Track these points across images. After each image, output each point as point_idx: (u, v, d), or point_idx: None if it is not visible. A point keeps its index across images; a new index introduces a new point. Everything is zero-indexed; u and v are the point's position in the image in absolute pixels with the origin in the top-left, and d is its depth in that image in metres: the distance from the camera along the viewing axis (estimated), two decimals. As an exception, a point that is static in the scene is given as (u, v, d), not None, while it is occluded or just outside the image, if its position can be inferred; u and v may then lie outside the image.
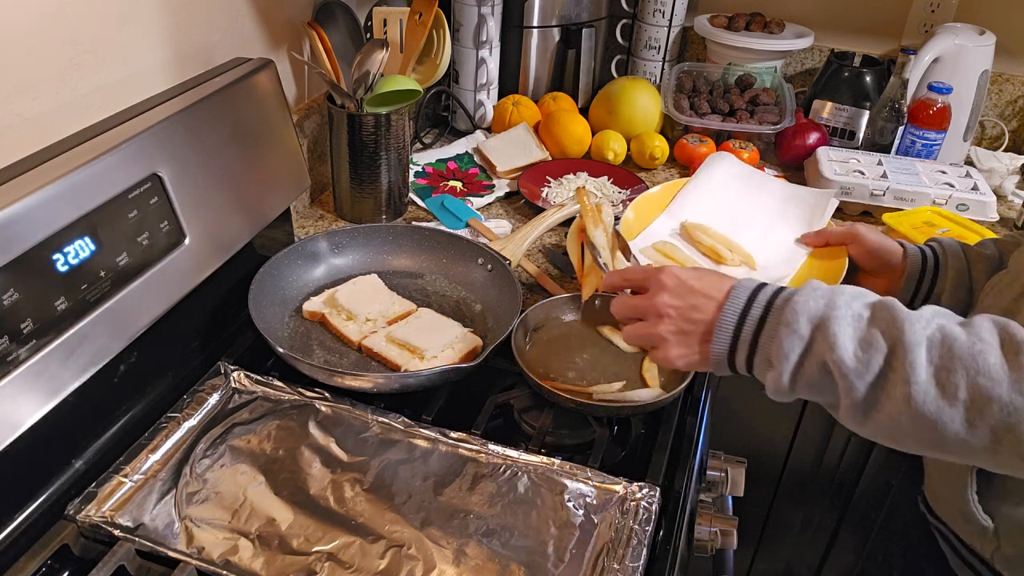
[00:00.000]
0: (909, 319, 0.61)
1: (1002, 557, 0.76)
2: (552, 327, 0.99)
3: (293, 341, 0.96)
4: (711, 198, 1.08)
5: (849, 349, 0.61)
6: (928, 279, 0.89)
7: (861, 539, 1.30)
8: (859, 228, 0.96)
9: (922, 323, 0.60)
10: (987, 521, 0.75)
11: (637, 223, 1.05)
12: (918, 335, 0.59)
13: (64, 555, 0.72)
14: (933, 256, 0.90)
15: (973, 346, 0.58)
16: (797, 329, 0.63)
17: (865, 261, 0.94)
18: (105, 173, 0.75)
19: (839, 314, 0.62)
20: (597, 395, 0.89)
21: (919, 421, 0.59)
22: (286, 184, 1.05)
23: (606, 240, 0.90)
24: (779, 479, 1.35)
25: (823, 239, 1.00)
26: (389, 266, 1.09)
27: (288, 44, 1.19)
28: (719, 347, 0.68)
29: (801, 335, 0.63)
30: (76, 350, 0.73)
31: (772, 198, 1.08)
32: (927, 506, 0.86)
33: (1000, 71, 1.54)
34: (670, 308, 0.70)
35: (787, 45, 1.59)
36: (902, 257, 0.92)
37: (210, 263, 0.90)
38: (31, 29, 0.76)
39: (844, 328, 0.61)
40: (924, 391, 0.58)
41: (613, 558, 0.72)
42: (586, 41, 1.55)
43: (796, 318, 0.63)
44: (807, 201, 1.08)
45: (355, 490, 0.77)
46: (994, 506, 0.75)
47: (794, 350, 0.63)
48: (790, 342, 0.63)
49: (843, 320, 0.62)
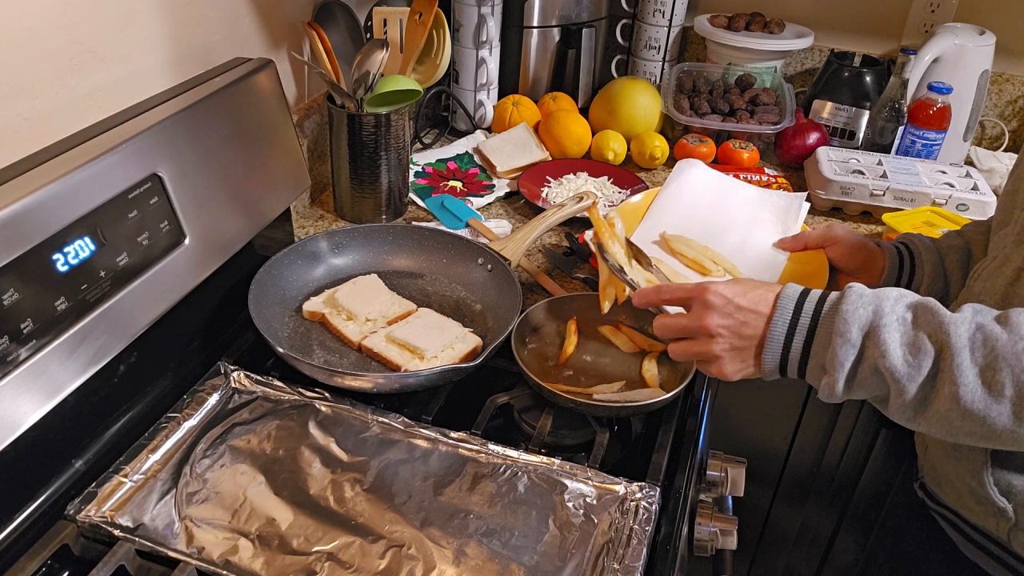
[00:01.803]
0: (953, 322, 0.64)
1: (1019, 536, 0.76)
2: (552, 327, 0.99)
3: (293, 341, 0.96)
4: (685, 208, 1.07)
5: (899, 354, 0.65)
6: (907, 275, 0.91)
7: (861, 539, 1.30)
8: (836, 230, 0.96)
9: (965, 325, 0.64)
10: (1003, 501, 0.76)
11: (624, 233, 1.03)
12: (962, 338, 0.63)
13: (64, 555, 0.71)
14: (908, 252, 0.92)
15: (1016, 344, 0.62)
16: (850, 339, 0.67)
17: (844, 262, 0.95)
18: (105, 173, 0.75)
19: (886, 321, 0.66)
20: (597, 395, 0.89)
21: (968, 417, 0.63)
22: (286, 184, 1.05)
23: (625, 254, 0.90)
24: (779, 479, 1.35)
25: (801, 243, 1.00)
26: (389, 266, 1.09)
27: (288, 44, 1.19)
28: (771, 359, 0.72)
29: (854, 344, 0.67)
30: (76, 350, 0.73)
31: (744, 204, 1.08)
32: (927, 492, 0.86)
33: (1000, 71, 1.54)
34: (720, 328, 0.73)
35: (787, 45, 1.59)
36: (880, 256, 0.93)
37: (210, 263, 0.90)
38: (31, 29, 0.76)
39: (892, 334, 0.65)
40: (972, 391, 0.62)
41: (613, 558, 0.72)
42: (586, 41, 1.55)
43: (848, 328, 0.67)
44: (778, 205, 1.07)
45: (355, 490, 0.77)
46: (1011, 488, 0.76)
47: (848, 358, 0.67)
48: (844, 351, 0.67)
49: (891, 327, 0.66)
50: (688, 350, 0.76)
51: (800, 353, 0.70)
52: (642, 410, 0.88)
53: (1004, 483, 0.76)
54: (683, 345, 0.77)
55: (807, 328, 0.70)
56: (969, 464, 0.78)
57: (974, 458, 0.77)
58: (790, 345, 0.71)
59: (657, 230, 1.02)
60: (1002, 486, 0.76)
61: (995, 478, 0.76)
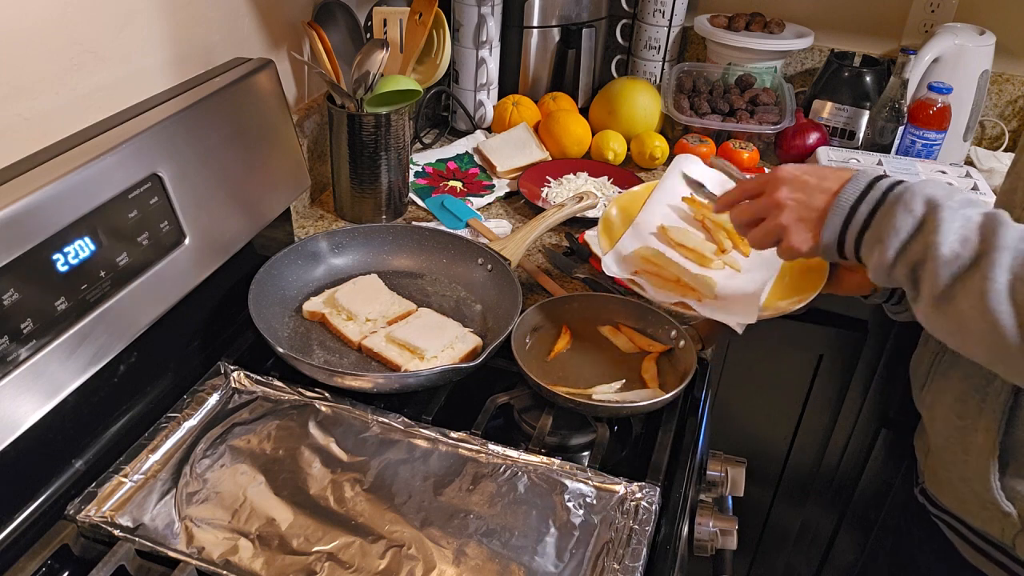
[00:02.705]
0: (1008, 225, 0.64)
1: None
2: (552, 327, 0.99)
3: (293, 341, 0.96)
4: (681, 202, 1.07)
5: (949, 239, 0.64)
6: None
7: (861, 539, 1.30)
8: None
9: (1020, 233, 0.63)
10: (1009, 506, 0.76)
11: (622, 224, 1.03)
12: (1011, 241, 0.63)
13: (64, 555, 0.71)
14: None
15: None
16: (913, 209, 0.66)
17: None
18: (105, 173, 0.75)
19: (952, 205, 0.65)
20: (597, 395, 0.89)
21: (986, 319, 0.62)
22: (286, 184, 1.05)
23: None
24: (779, 479, 1.35)
25: None
26: (389, 266, 1.09)
27: (288, 44, 1.19)
28: (832, 227, 0.71)
29: (915, 214, 0.66)
30: (76, 350, 0.73)
31: None
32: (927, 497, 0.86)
33: (1000, 71, 1.54)
34: (789, 199, 0.73)
35: (787, 45, 1.59)
36: None
37: (210, 263, 0.90)
38: (31, 29, 0.76)
39: (952, 219, 0.65)
40: (997, 290, 0.62)
41: (613, 558, 0.72)
42: (586, 41, 1.55)
43: (913, 198, 0.67)
44: None
45: (355, 490, 0.77)
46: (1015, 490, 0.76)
47: (905, 227, 0.66)
48: (903, 218, 0.66)
49: (955, 213, 0.65)
50: (761, 231, 0.76)
51: (862, 222, 0.69)
52: (642, 410, 0.88)
53: (1010, 488, 0.76)
54: (759, 228, 0.77)
55: (876, 199, 0.69)
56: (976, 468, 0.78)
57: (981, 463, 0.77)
58: (855, 213, 0.70)
59: (655, 222, 1.01)
60: (1008, 491, 0.76)
61: (1002, 483, 0.76)
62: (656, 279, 0.92)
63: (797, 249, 0.74)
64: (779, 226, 0.74)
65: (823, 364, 1.22)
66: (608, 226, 1.01)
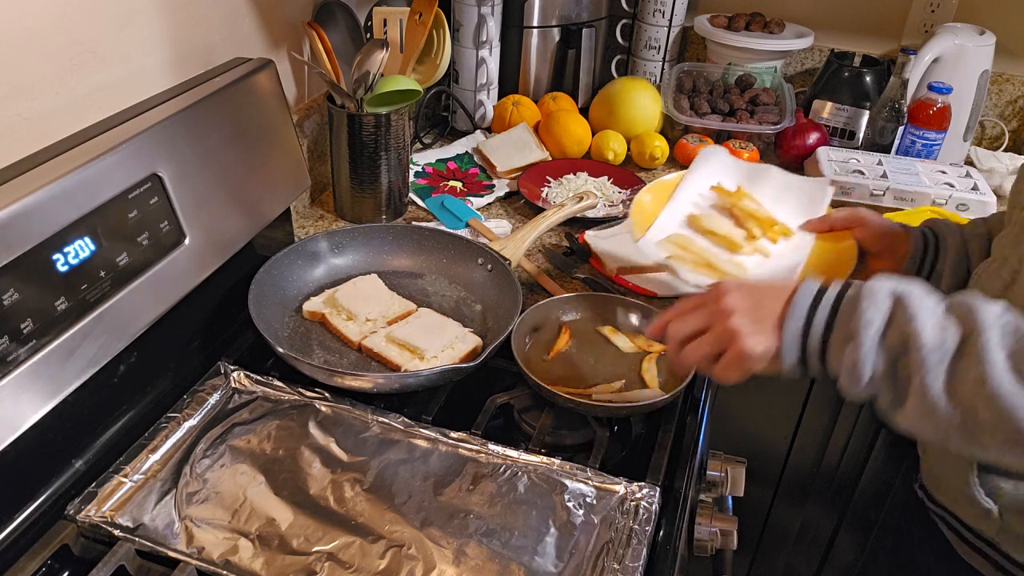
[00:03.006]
0: (983, 306, 0.61)
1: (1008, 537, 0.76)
2: (552, 327, 0.99)
3: (293, 341, 0.96)
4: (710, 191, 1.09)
5: (928, 325, 0.61)
6: (930, 258, 0.90)
7: (861, 539, 1.30)
8: (863, 211, 0.97)
9: (996, 310, 0.61)
10: (989, 503, 0.76)
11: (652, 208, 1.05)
12: (991, 320, 0.60)
13: (64, 555, 0.71)
14: (933, 236, 0.91)
15: None
16: (878, 300, 0.63)
17: (871, 244, 0.95)
18: (105, 173, 0.75)
19: (918, 294, 0.63)
20: (597, 395, 0.89)
21: (994, 405, 0.58)
22: (286, 184, 1.05)
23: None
24: (779, 479, 1.35)
25: (827, 224, 1.00)
26: (389, 266, 1.09)
27: (288, 44, 1.19)
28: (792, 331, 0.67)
29: (879, 305, 0.63)
30: (76, 350, 0.73)
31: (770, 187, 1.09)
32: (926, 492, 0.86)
33: (1000, 71, 1.54)
34: (738, 305, 0.69)
35: (787, 45, 1.59)
36: (904, 239, 0.92)
37: (210, 263, 0.90)
38: (31, 29, 0.76)
39: (923, 307, 0.62)
40: (999, 373, 0.58)
41: (613, 558, 0.72)
42: (586, 41, 1.55)
43: (876, 293, 0.64)
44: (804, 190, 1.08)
45: (355, 490, 0.77)
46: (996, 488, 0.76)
47: (877, 318, 0.63)
48: (872, 311, 0.63)
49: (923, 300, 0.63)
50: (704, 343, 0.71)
51: (824, 323, 0.65)
52: (642, 410, 0.88)
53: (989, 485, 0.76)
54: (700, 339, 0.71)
55: (833, 299, 0.66)
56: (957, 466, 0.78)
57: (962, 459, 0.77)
58: (813, 315, 0.66)
59: (685, 210, 1.03)
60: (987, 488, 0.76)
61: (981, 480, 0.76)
62: (689, 263, 0.93)
63: (750, 353, 0.68)
64: (728, 331, 0.69)
65: (823, 364, 1.22)
66: (640, 213, 1.02)
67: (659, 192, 1.06)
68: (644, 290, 1.09)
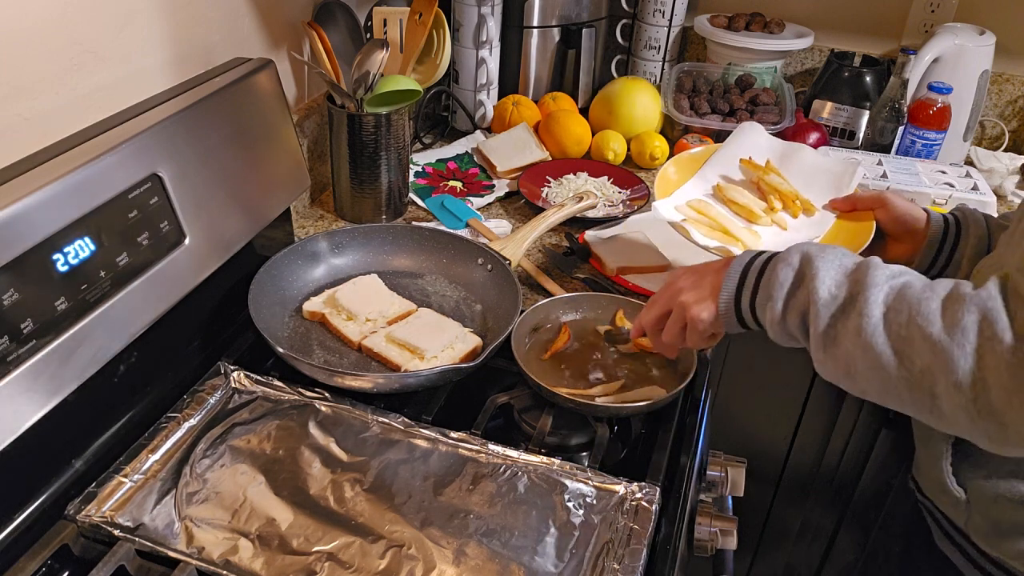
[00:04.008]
0: (878, 267, 0.67)
1: (975, 526, 0.78)
2: (552, 327, 0.99)
3: (293, 341, 0.96)
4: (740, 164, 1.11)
5: (826, 283, 0.67)
6: (949, 245, 0.91)
7: (861, 539, 1.30)
8: (888, 194, 0.98)
9: (888, 272, 0.66)
10: (959, 493, 0.78)
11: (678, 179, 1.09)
12: (880, 279, 0.65)
13: (64, 555, 0.71)
14: (955, 223, 0.92)
15: (923, 293, 0.63)
16: (791, 262, 0.71)
17: (891, 226, 0.96)
18: (105, 173, 0.75)
19: (827, 256, 0.69)
20: (597, 395, 0.89)
21: (867, 356, 0.64)
22: (286, 184, 1.05)
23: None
24: (779, 479, 1.35)
25: (851, 203, 1.03)
26: (389, 266, 1.09)
27: (288, 44, 1.19)
28: (728, 289, 0.76)
29: (793, 266, 0.71)
30: (76, 350, 0.73)
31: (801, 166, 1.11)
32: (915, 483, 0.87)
33: (1000, 71, 1.54)
34: (684, 283, 0.80)
35: (787, 45, 1.59)
36: (926, 223, 0.93)
37: (210, 263, 0.90)
38: (31, 29, 0.76)
39: (828, 267, 0.68)
40: (873, 325, 0.63)
41: (613, 558, 0.72)
42: (586, 41, 1.55)
43: (790, 255, 0.72)
44: (834, 171, 1.11)
45: (355, 490, 0.77)
46: (967, 478, 0.78)
47: (788, 279, 0.71)
48: (784, 272, 0.71)
49: (830, 262, 0.69)
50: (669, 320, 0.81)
51: (753, 285, 0.74)
52: (642, 410, 0.88)
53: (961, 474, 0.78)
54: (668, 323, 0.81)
55: (760, 265, 0.74)
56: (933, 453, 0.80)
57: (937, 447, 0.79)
58: (745, 278, 0.75)
59: (712, 181, 1.07)
60: (960, 476, 0.78)
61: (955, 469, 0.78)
62: (703, 227, 0.98)
63: (697, 317, 0.78)
64: (680, 305, 0.79)
65: (823, 364, 1.22)
66: (665, 180, 1.07)
67: (685, 164, 1.11)
68: (644, 290, 1.09)
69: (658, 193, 1.04)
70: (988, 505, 0.76)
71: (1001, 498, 0.75)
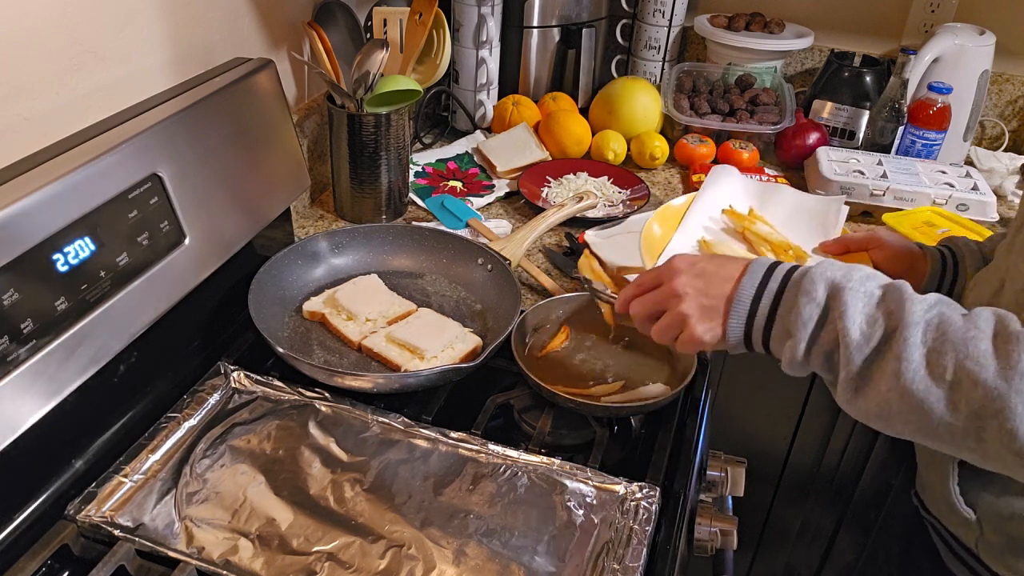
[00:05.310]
0: (912, 300, 0.62)
1: (986, 546, 0.76)
2: (552, 327, 0.99)
3: (293, 341, 0.96)
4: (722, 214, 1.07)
5: (857, 321, 0.62)
6: (949, 278, 0.89)
7: (861, 539, 1.30)
8: (881, 232, 0.95)
9: (924, 306, 0.62)
10: (969, 513, 0.76)
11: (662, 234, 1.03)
12: (917, 316, 0.61)
13: (64, 555, 0.71)
14: (951, 255, 0.90)
15: (967, 332, 0.59)
16: (815, 297, 0.64)
17: (888, 266, 0.93)
18: (105, 173, 0.75)
19: (854, 286, 0.64)
20: (597, 395, 0.89)
21: (907, 400, 0.60)
22: (286, 184, 1.05)
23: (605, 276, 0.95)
24: (779, 479, 1.35)
25: (843, 246, 0.99)
26: (389, 266, 1.09)
27: (288, 44, 1.19)
28: (736, 323, 0.69)
29: (818, 303, 0.64)
30: (76, 350, 0.73)
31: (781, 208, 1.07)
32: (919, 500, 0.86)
33: (1000, 71, 1.54)
34: (687, 287, 0.71)
35: (787, 45, 1.59)
36: (923, 260, 0.91)
37: (210, 263, 0.90)
38: (31, 29, 0.76)
39: (856, 301, 0.63)
40: (914, 369, 0.60)
41: (613, 558, 0.72)
42: (586, 41, 1.55)
43: (814, 285, 0.65)
44: (817, 210, 1.07)
45: (355, 490, 0.77)
46: (976, 496, 0.76)
47: (812, 317, 0.65)
48: (809, 310, 0.65)
49: (857, 293, 0.63)
50: (663, 324, 0.73)
51: (766, 317, 0.68)
52: (642, 410, 0.88)
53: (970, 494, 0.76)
54: (660, 321, 0.73)
55: (775, 292, 0.67)
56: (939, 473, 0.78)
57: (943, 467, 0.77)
58: (756, 308, 0.68)
59: (697, 235, 1.01)
60: (968, 497, 0.76)
61: (961, 488, 0.76)
62: None
63: (700, 340, 0.70)
64: (680, 316, 0.71)
65: (823, 364, 1.22)
66: (650, 242, 1.01)
67: (668, 219, 1.04)
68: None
69: (646, 256, 0.98)
70: (1002, 523, 0.74)
71: (1016, 516, 0.72)
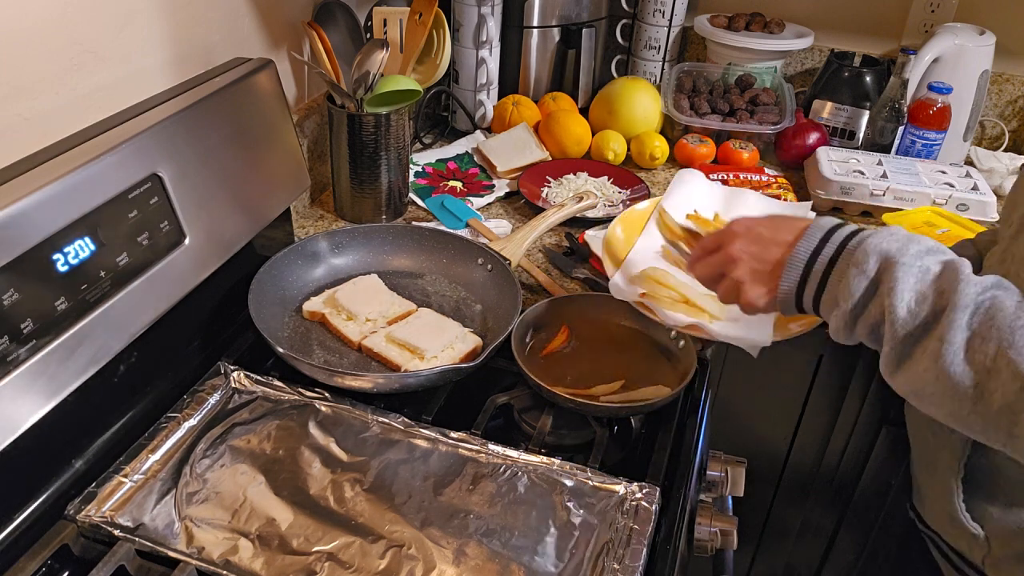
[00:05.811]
0: (967, 281, 0.61)
1: (993, 561, 0.75)
2: (552, 327, 0.99)
3: (293, 341, 0.96)
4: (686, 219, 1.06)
5: (905, 299, 0.61)
6: None
7: (860, 539, 1.30)
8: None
9: (979, 288, 0.60)
10: (977, 529, 0.75)
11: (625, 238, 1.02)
12: (968, 298, 0.60)
13: (64, 555, 0.72)
14: None
15: (1017, 320, 0.58)
16: (866, 269, 0.64)
17: None
18: (105, 173, 0.75)
19: (908, 261, 0.63)
20: (597, 395, 0.89)
21: (941, 382, 0.59)
22: (286, 184, 1.05)
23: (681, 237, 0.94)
24: (779, 479, 1.35)
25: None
26: (389, 266, 1.09)
27: (288, 44, 1.19)
28: (788, 283, 0.69)
29: (868, 275, 0.64)
30: (76, 350, 0.73)
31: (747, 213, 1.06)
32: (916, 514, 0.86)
33: (1000, 71, 1.54)
34: (743, 253, 0.72)
35: (787, 45, 1.59)
36: None
37: (210, 263, 0.90)
38: (31, 29, 0.76)
39: (908, 277, 0.62)
40: (954, 352, 0.59)
41: (613, 558, 0.72)
42: (586, 41, 1.55)
43: (867, 258, 0.64)
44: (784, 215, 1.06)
45: (355, 490, 0.77)
46: (982, 511, 0.75)
47: (860, 288, 0.64)
48: (858, 281, 0.64)
49: (910, 268, 0.62)
50: (723, 289, 0.74)
51: (818, 282, 0.67)
52: (642, 410, 0.88)
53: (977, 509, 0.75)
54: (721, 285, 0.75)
55: (829, 258, 0.67)
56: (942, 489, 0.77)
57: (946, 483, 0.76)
58: (810, 271, 0.68)
59: (660, 241, 1.00)
60: (975, 512, 0.75)
61: (968, 504, 0.75)
62: (665, 300, 0.91)
63: (754, 304, 0.72)
64: (735, 281, 0.72)
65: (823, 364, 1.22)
66: (612, 247, 1.00)
67: (631, 224, 1.03)
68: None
69: (608, 264, 0.97)
70: (1011, 537, 0.72)
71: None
